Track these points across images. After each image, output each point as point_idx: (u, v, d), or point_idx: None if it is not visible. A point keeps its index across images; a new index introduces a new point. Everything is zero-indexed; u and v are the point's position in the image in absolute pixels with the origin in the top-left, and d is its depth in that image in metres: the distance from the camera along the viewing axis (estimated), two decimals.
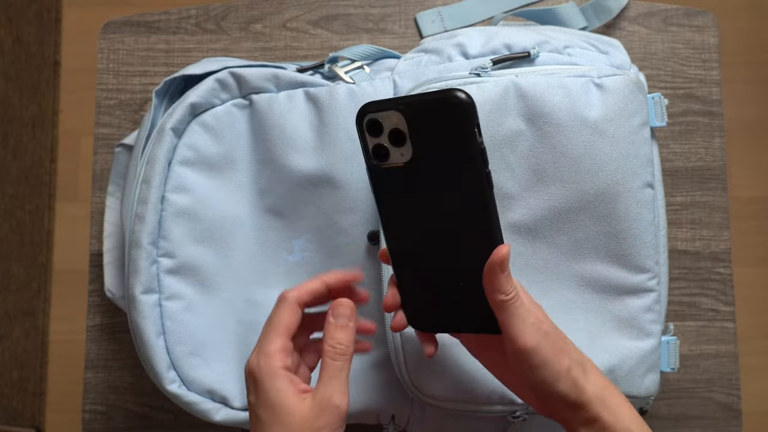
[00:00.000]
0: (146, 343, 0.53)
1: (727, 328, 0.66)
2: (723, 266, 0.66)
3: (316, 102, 0.54)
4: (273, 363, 0.40)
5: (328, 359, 0.41)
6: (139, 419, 0.66)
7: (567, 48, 0.56)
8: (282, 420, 0.39)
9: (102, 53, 0.69)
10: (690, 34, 0.68)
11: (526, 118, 0.52)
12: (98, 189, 0.67)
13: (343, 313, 0.42)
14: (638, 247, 0.53)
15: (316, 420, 0.39)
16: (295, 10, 0.70)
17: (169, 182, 0.54)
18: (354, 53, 0.58)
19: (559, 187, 0.52)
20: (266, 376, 0.40)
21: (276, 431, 0.39)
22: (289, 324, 0.42)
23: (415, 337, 0.52)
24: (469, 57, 0.55)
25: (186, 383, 0.54)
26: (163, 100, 0.59)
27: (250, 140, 0.56)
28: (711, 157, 0.67)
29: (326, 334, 0.41)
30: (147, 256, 0.53)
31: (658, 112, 0.57)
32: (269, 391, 0.40)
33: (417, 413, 0.55)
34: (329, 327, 0.42)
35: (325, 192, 0.54)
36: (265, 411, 0.40)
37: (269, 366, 0.40)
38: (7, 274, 1.24)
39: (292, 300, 0.42)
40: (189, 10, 0.70)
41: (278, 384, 0.40)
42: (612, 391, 0.42)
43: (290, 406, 0.39)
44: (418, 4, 0.69)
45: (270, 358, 0.40)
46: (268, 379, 0.40)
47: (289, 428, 0.39)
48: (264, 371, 0.40)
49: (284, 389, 0.40)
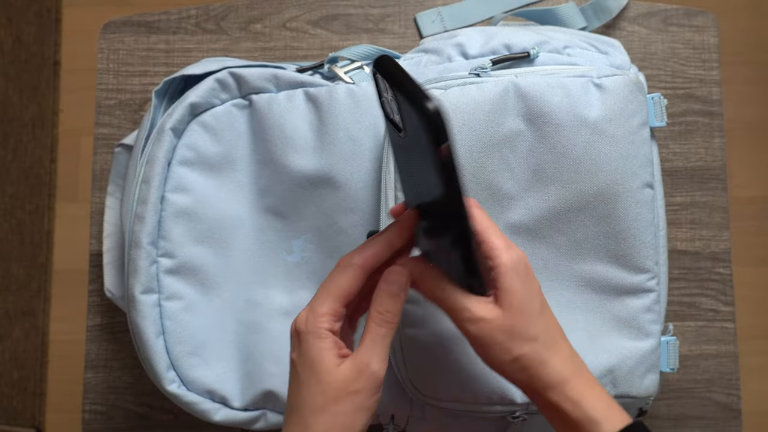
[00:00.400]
0: (146, 343, 0.53)
1: (727, 328, 0.66)
2: (723, 266, 0.66)
3: (316, 102, 0.54)
4: (320, 323, 0.40)
5: (374, 324, 0.40)
6: (139, 419, 0.66)
7: (567, 48, 0.56)
8: (320, 379, 0.39)
9: (102, 53, 0.69)
10: (690, 34, 0.68)
11: (525, 119, 0.52)
12: (98, 189, 0.68)
13: (397, 280, 0.41)
14: (638, 248, 0.53)
15: (353, 383, 0.39)
16: (295, 10, 0.70)
17: (169, 182, 0.54)
18: (354, 53, 0.58)
19: (559, 188, 0.52)
20: (310, 335, 0.40)
21: (312, 390, 0.39)
22: (346, 289, 0.41)
23: (414, 338, 0.52)
24: (469, 57, 0.55)
25: (186, 383, 0.54)
26: (162, 100, 0.59)
27: (250, 140, 0.56)
28: (711, 157, 0.67)
29: (376, 300, 0.41)
30: (147, 256, 0.53)
31: (658, 113, 0.57)
32: (311, 350, 0.40)
33: (416, 413, 0.55)
34: (380, 293, 0.41)
35: (325, 192, 0.54)
36: (304, 369, 0.40)
37: (315, 326, 0.40)
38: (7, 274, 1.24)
39: (357, 266, 0.41)
40: (189, 10, 0.70)
41: (321, 344, 0.40)
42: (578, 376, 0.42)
43: (329, 367, 0.39)
44: (418, 4, 0.69)
45: (318, 318, 0.40)
46: (312, 338, 0.40)
47: (325, 388, 0.39)
48: (309, 329, 0.40)
49: (326, 350, 0.40)
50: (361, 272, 0.41)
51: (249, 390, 0.54)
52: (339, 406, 0.39)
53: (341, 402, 0.39)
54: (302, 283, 0.56)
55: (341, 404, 0.39)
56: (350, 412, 0.39)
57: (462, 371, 0.52)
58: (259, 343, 0.55)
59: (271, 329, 0.55)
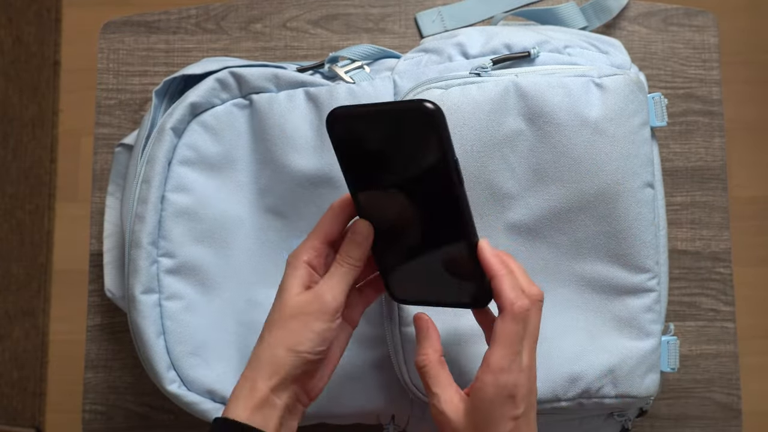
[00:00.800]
0: (146, 343, 0.53)
1: (727, 328, 0.66)
2: (723, 266, 0.66)
3: (317, 102, 0.54)
4: (299, 256, 0.45)
5: (336, 267, 0.45)
6: (139, 419, 0.66)
7: (567, 48, 0.56)
8: (281, 301, 0.45)
9: (102, 53, 0.69)
10: (690, 34, 0.68)
11: (526, 118, 0.52)
12: (98, 189, 0.67)
13: (360, 230, 0.45)
14: (638, 247, 0.53)
15: (305, 306, 0.44)
16: (295, 9, 0.70)
17: (169, 182, 0.54)
18: (354, 53, 0.58)
19: (559, 187, 0.52)
20: (289, 266, 0.45)
21: (274, 309, 0.45)
22: (327, 228, 0.46)
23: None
24: (469, 57, 0.55)
25: (186, 383, 0.54)
26: (163, 100, 0.59)
27: (250, 140, 0.56)
28: (711, 156, 0.67)
29: (342, 247, 0.45)
30: (147, 256, 0.53)
31: (659, 112, 0.57)
32: (285, 277, 0.45)
33: (417, 413, 0.55)
34: (346, 241, 0.45)
35: (325, 192, 0.54)
36: (277, 293, 0.45)
37: (295, 258, 0.45)
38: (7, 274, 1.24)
39: (334, 207, 0.46)
40: (189, 10, 0.70)
41: (294, 272, 0.45)
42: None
43: (292, 292, 0.44)
44: (418, 3, 0.69)
45: (299, 251, 0.45)
46: (290, 268, 0.45)
47: (283, 308, 0.44)
48: (289, 261, 0.45)
49: (295, 278, 0.45)
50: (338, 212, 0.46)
51: None
52: (290, 323, 0.44)
53: (292, 320, 0.44)
54: None
55: (292, 322, 0.44)
56: (298, 329, 0.43)
57: (462, 371, 0.52)
58: None
59: None
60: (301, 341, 0.43)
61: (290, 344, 0.43)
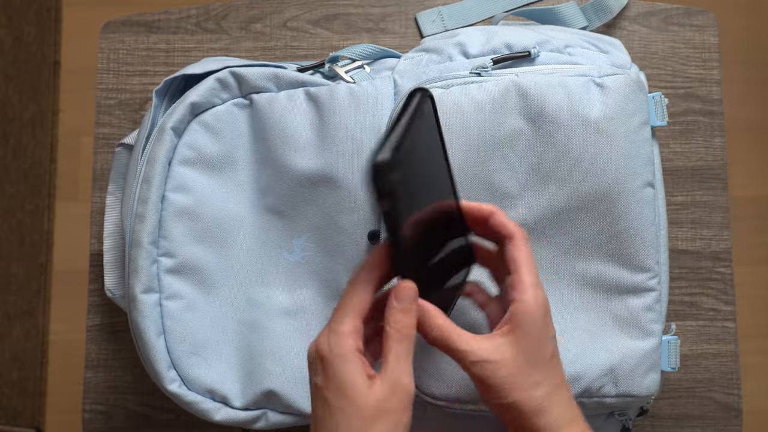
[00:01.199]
0: (146, 343, 0.53)
1: (728, 327, 0.66)
2: (723, 266, 0.66)
3: (317, 101, 0.54)
4: (345, 344, 0.39)
5: (394, 342, 0.39)
6: (140, 419, 0.66)
7: (567, 47, 0.56)
8: (353, 402, 0.38)
9: (102, 53, 0.69)
10: (690, 34, 0.68)
11: (526, 118, 0.52)
12: (98, 189, 0.67)
13: (406, 296, 0.40)
14: (639, 247, 0.53)
15: (386, 402, 0.38)
16: (295, 9, 0.70)
17: (170, 182, 0.54)
18: (354, 53, 0.58)
19: (560, 187, 0.52)
20: (337, 357, 0.39)
21: (346, 414, 0.38)
22: (362, 305, 0.41)
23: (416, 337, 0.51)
24: (470, 56, 0.55)
25: (186, 383, 0.54)
26: (163, 100, 0.59)
27: (251, 140, 0.56)
28: (711, 156, 0.67)
29: (389, 318, 0.40)
30: (147, 256, 0.53)
31: (659, 112, 0.57)
32: (340, 373, 0.39)
33: (417, 413, 0.55)
34: (393, 311, 0.40)
35: (326, 191, 0.54)
36: (334, 394, 0.39)
37: (341, 347, 0.39)
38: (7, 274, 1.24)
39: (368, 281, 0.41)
40: (189, 10, 0.69)
41: (350, 366, 0.39)
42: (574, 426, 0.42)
43: (362, 389, 0.38)
44: (419, 3, 0.69)
45: (342, 339, 0.39)
46: (340, 360, 0.39)
47: (361, 411, 0.38)
48: (335, 352, 0.39)
49: (356, 372, 0.39)
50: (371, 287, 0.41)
51: (250, 389, 0.54)
52: (377, 427, 0.38)
53: (378, 422, 0.38)
54: (303, 283, 0.56)
55: (378, 425, 0.38)
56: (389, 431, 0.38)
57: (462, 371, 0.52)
58: (259, 343, 0.55)
59: (272, 328, 0.55)
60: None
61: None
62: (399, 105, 0.52)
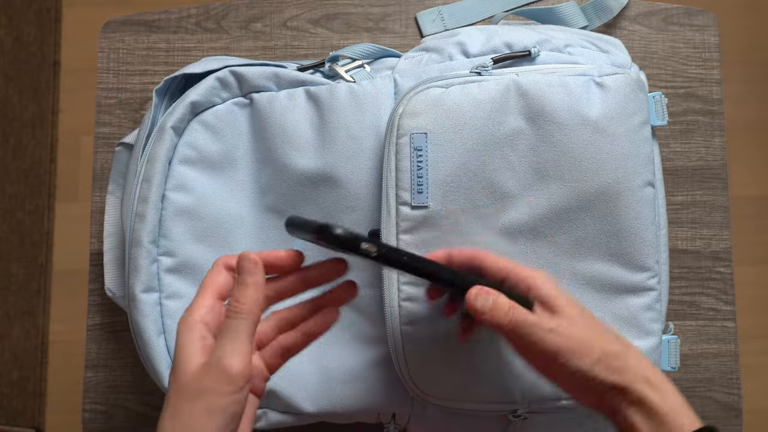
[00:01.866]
0: (147, 342, 0.53)
1: (728, 327, 0.66)
2: (723, 265, 0.66)
3: (317, 101, 0.54)
4: (191, 315, 0.38)
5: (227, 318, 0.38)
6: (140, 418, 0.66)
7: (567, 47, 0.56)
8: (176, 371, 0.37)
9: (102, 52, 0.69)
10: (690, 34, 0.68)
11: (527, 117, 0.52)
12: (98, 188, 0.67)
13: (244, 268, 0.39)
14: (639, 246, 0.53)
15: (202, 378, 0.36)
16: (295, 9, 0.70)
17: (170, 181, 0.54)
18: (355, 52, 0.58)
19: (560, 186, 0.52)
20: (182, 326, 0.38)
21: (171, 381, 0.37)
22: (219, 284, 0.39)
23: (415, 337, 0.52)
24: (470, 56, 0.55)
25: None
26: (163, 99, 0.59)
27: (251, 139, 0.56)
28: (711, 156, 0.67)
29: (231, 295, 0.39)
30: (147, 255, 0.53)
31: (659, 111, 0.57)
32: (179, 341, 0.38)
33: (418, 412, 0.55)
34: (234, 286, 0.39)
35: (326, 190, 0.54)
36: (173, 365, 0.38)
37: (186, 319, 0.38)
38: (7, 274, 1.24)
39: (219, 263, 0.40)
40: (189, 9, 0.69)
41: (188, 336, 0.37)
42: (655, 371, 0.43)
43: (187, 359, 0.37)
44: (419, 3, 0.69)
45: (189, 311, 0.38)
46: (182, 329, 0.38)
47: (178, 381, 0.36)
48: (181, 323, 0.38)
49: (190, 341, 0.37)
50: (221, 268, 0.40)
51: None
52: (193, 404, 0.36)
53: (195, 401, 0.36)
54: None
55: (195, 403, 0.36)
56: (198, 413, 0.35)
57: (463, 369, 0.52)
58: None
59: None
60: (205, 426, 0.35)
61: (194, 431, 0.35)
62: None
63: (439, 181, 0.51)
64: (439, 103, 0.51)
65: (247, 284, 0.38)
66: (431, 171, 0.51)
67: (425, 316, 0.52)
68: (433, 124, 0.51)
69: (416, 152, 0.51)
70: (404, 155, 0.51)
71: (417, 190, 0.51)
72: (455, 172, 0.51)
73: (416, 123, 0.51)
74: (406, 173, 0.51)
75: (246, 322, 0.37)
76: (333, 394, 0.54)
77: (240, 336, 0.37)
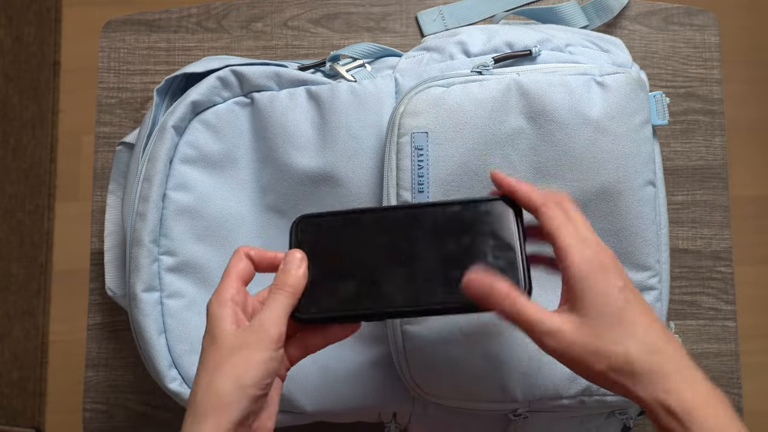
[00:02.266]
0: (147, 342, 0.53)
1: (728, 327, 0.66)
2: (724, 265, 0.66)
3: (318, 100, 0.54)
4: (221, 294, 0.42)
5: (270, 294, 0.42)
6: (140, 418, 0.66)
7: (568, 46, 0.56)
8: (215, 337, 0.40)
9: (103, 52, 0.69)
10: (691, 33, 0.68)
11: (527, 116, 0.52)
12: (99, 188, 0.67)
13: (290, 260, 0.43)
14: (639, 245, 0.53)
15: (245, 337, 0.40)
16: (296, 8, 0.70)
17: (171, 180, 0.54)
18: (355, 51, 0.58)
19: (561, 185, 0.52)
20: (213, 304, 0.41)
21: (210, 352, 0.40)
22: (241, 270, 0.43)
23: (416, 336, 0.52)
24: (471, 55, 0.55)
25: (187, 381, 0.54)
26: (164, 99, 0.59)
27: (252, 138, 0.56)
28: (712, 155, 0.67)
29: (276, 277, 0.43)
30: (148, 254, 0.53)
31: (660, 111, 0.57)
32: (214, 319, 0.41)
33: (418, 411, 0.55)
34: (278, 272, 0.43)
35: (327, 190, 0.54)
36: (206, 337, 0.41)
37: (217, 298, 0.42)
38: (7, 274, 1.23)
39: (240, 251, 0.44)
40: (190, 9, 0.70)
41: (222, 311, 0.41)
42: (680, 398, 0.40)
43: (224, 328, 0.40)
44: (419, 2, 0.69)
45: (219, 291, 0.42)
46: (215, 306, 0.41)
47: (218, 343, 0.40)
48: (214, 303, 0.42)
49: (225, 315, 0.41)
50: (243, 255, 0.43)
51: None
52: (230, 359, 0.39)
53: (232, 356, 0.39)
54: None
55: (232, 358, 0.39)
56: (241, 363, 0.39)
57: (464, 368, 0.52)
58: None
59: None
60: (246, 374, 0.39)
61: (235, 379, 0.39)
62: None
63: (440, 181, 0.51)
64: (440, 103, 0.51)
65: (288, 272, 0.42)
66: (432, 170, 0.51)
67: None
68: (434, 123, 0.51)
69: (417, 151, 0.51)
70: (405, 154, 0.51)
71: (418, 190, 0.51)
72: (456, 172, 0.51)
73: (417, 122, 0.51)
74: (406, 172, 0.51)
75: (288, 296, 0.42)
76: (333, 393, 0.54)
77: (281, 308, 0.41)
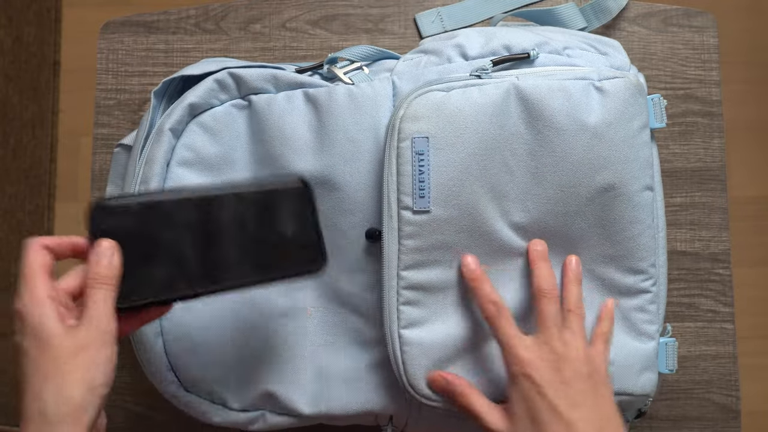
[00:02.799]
0: (145, 344, 0.53)
1: (726, 329, 0.66)
2: (722, 267, 0.66)
3: (315, 103, 0.54)
4: (37, 292, 0.39)
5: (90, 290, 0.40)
6: (138, 419, 0.66)
7: (566, 49, 0.56)
8: (43, 341, 0.38)
9: (101, 53, 0.69)
10: (689, 35, 0.68)
11: (526, 122, 0.52)
12: (97, 189, 0.67)
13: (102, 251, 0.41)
14: (633, 250, 0.53)
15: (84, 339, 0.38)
16: (294, 10, 0.69)
17: (168, 183, 0.54)
18: (353, 54, 0.58)
19: (558, 191, 0.52)
20: (30, 305, 0.39)
21: (42, 357, 0.38)
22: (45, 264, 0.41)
23: (413, 338, 0.52)
24: (469, 58, 0.55)
25: (184, 384, 0.54)
26: (161, 101, 0.59)
27: (249, 141, 0.56)
28: (710, 157, 0.67)
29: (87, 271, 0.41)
30: None
31: (658, 113, 0.57)
32: (35, 318, 0.38)
33: (415, 414, 0.55)
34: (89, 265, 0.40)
35: (324, 193, 0.54)
36: (31, 341, 0.38)
37: (33, 295, 0.39)
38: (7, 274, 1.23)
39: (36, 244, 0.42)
40: (188, 11, 0.69)
41: (43, 311, 0.38)
42: None
43: (51, 328, 0.38)
44: (418, 4, 0.69)
45: (31, 291, 0.39)
46: (32, 308, 0.38)
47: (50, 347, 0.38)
48: (27, 302, 0.39)
49: (47, 315, 0.38)
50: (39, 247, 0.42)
51: (248, 391, 0.54)
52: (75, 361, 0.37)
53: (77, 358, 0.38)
54: (301, 284, 0.56)
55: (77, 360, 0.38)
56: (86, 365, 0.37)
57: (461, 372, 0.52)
58: (257, 344, 0.55)
59: (270, 330, 0.55)
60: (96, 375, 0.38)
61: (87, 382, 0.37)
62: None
63: (441, 186, 0.51)
64: (441, 107, 0.51)
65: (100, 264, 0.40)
66: (433, 175, 0.51)
67: (422, 319, 0.52)
68: (434, 128, 0.51)
69: (418, 156, 0.51)
70: (406, 159, 0.51)
71: (419, 195, 0.51)
72: (457, 177, 0.51)
73: (418, 127, 0.51)
74: (407, 177, 0.51)
75: (110, 288, 0.40)
76: (331, 396, 0.54)
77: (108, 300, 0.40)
